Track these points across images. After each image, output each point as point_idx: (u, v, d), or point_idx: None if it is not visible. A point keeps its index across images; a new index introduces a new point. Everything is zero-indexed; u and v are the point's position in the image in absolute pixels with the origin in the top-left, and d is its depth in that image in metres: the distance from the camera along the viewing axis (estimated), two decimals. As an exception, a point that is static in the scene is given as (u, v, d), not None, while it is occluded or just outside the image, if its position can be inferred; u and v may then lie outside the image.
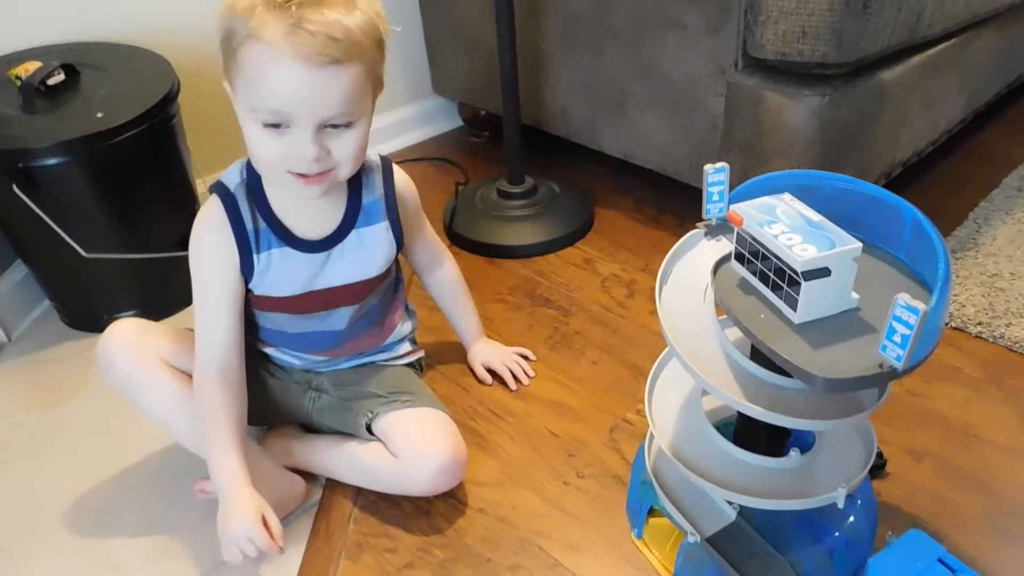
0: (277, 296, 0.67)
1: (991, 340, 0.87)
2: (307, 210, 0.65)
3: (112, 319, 0.95)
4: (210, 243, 0.65)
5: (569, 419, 0.81)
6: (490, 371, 0.85)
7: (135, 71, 0.93)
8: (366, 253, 0.68)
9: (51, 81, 0.87)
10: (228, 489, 0.62)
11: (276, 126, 0.57)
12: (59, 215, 0.84)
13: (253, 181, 0.65)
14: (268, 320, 0.70)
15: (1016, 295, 0.92)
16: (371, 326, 0.73)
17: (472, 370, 0.86)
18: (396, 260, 0.73)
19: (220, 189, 0.65)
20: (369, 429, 0.71)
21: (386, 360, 0.77)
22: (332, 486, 0.74)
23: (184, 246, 0.97)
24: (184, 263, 1.00)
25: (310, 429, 0.76)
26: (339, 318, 0.70)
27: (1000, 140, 1.29)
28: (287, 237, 0.65)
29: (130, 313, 0.96)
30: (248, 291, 0.67)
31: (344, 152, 0.59)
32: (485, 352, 0.85)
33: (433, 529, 0.69)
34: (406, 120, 1.38)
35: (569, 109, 1.12)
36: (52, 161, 0.82)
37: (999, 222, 1.06)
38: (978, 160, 1.23)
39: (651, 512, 0.65)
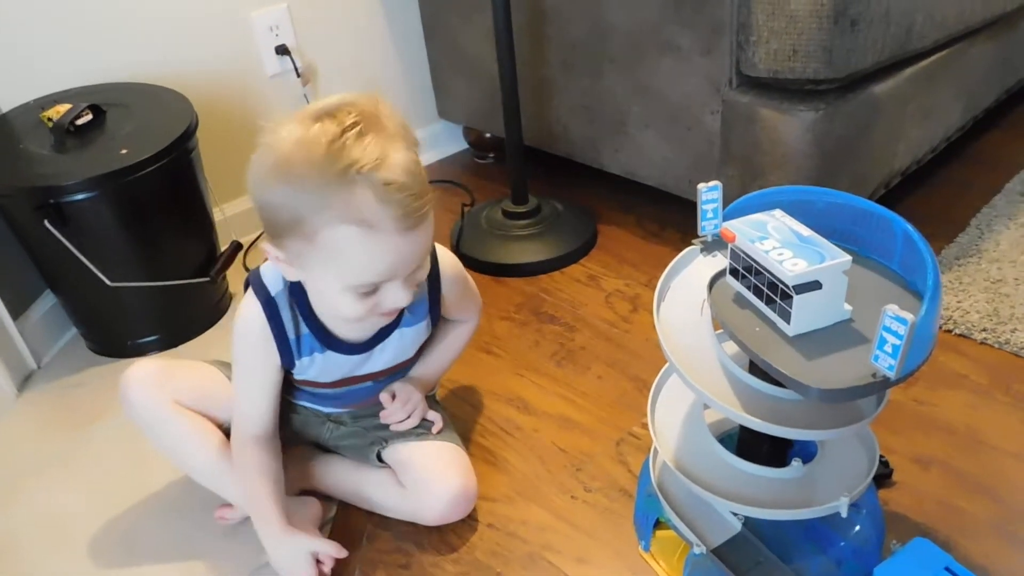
0: (316, 382, 0.69)
1: (996, 346, 0.87)
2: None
3: (136, 344, 1.00)
4: (252, 347, 0.64)
5: (576, 433, 0.82)
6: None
7: (156, 108, 0.98)
8: (405, 345, 0.69)
9: (79, 121, 0.92)
10: (272, 545, 0.66)
11: (369, 292, 0.56)
12: (86, 247, 0.88)
13: (296, 287, 0.62)
14: (305, 388, 0.71)
15: (1021, 300, 0.92)
16: (401, 377, 0.75)
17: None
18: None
19: (262, 294, 0.62)
20: (380, 457, 0.72)
21: None
22: (345, 505, 0.75)
23: (202, 273, 1.01)
24: (202, 289, 1.03)
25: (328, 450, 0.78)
26: (375, 384, 0.72)
27: (1001, 145, 1.29)
28: (330, 341, 0.65)
29: (152, 339, 1.00)
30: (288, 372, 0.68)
31: (421, 282, 0.59)
32: (406, 385, 0.73)
33: (445, 545, 0.71)
34: (413, 144, 1.42)
35: (570, 130, 1.15)
36: (80, 196, 0.86)
37: (1002, 227, 1.06)
38: (979, 165, 1.23)
39: (658, 524, 0.66)
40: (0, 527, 0.77)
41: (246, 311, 0.64)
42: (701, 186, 0.58)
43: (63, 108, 0.93)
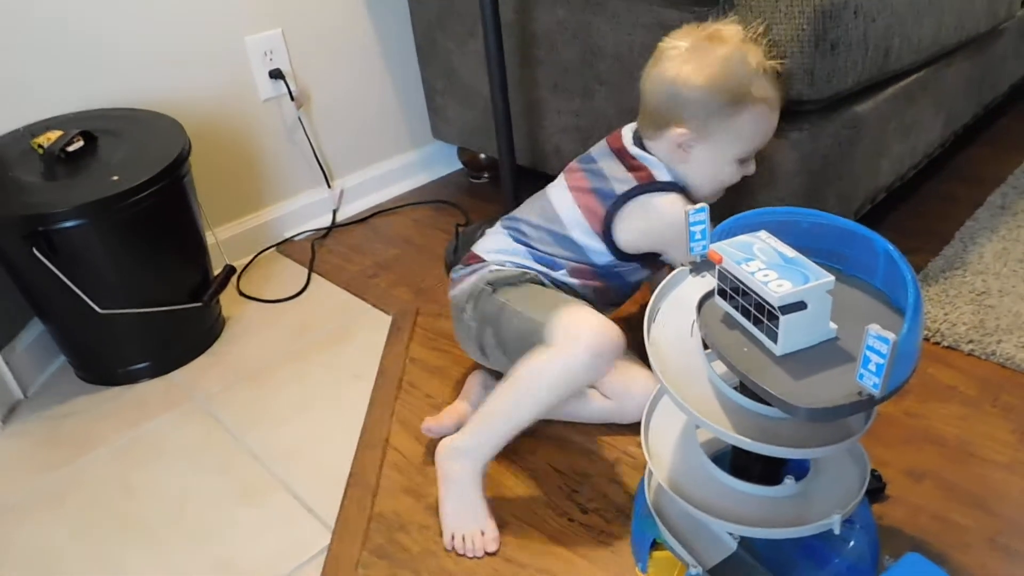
0: None
1: (983, 357, 0.88)
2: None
3: (126, 372, 0.99)
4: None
5: (572, 454, 0.82)
6: None
7: (149, 134, 0.98)
8: None
9: (71, 148, 0.91)
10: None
11: (743, 161, 0.78)
12: (76, 275, 0.88)
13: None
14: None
15: (1005, 312, 0.94)
16: None
17: None
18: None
19: (675, 186, 0.79)
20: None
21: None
22: (340, 533, 0.75)
23: (195, 298, 1.01)
24: (195, 314, 1.02)
25: None
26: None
27: (981, 159, 1.32)
28: None
29: (143, 365, 0.99)
30: None
31: None
32: None
33: (441, 570, 0.70)
34: (408, 165, 1.43)
35: (562, 149, 1.17)
36: (70, 224, 0.86)
37: (985, 240, 1.08)
38: (961, 180, 1.26)
39: (655, 545, 0.66)
40: (-11, 561, 0.76)
41: (671, 202, 0.78)
42: (688, 208, 0.59)
43: (54, 135, 0.92)
